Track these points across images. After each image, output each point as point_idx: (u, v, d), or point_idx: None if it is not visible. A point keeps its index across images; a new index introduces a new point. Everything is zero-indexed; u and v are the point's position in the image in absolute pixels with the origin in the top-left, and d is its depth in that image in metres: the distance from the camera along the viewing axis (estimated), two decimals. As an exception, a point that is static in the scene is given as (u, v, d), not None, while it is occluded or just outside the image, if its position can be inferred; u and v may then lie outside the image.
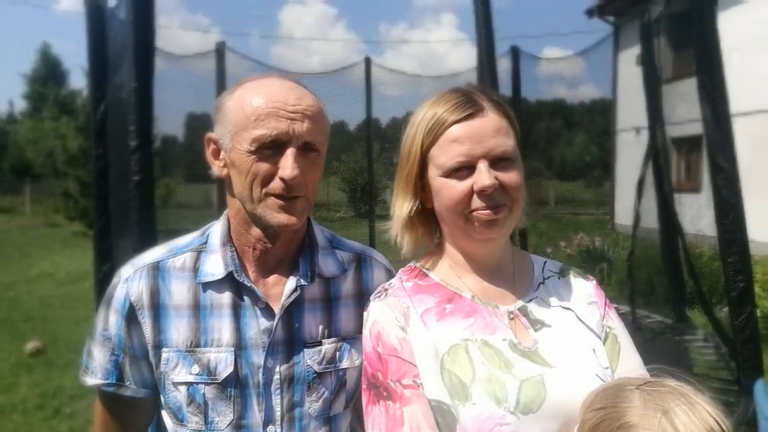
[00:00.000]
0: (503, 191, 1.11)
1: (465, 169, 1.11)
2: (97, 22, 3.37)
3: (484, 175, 1.09)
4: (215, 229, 1.28)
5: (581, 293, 1.26)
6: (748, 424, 3.47)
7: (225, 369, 1.20)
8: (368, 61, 8.73)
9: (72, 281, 10.17)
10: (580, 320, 1.21)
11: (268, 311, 1.22)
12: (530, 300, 1.21)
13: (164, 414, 1.26)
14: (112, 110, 3.42)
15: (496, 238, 1.16)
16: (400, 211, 1.21)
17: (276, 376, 1.22)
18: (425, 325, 1.14)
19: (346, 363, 1.27)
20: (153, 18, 2.77)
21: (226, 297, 1.22)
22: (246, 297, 1.23)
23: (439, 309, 1.16)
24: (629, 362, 1.19)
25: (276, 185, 1.16)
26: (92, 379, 1.26)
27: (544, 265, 1.30)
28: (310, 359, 1.24)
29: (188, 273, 1.23)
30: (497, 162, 1.11)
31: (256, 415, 1.21)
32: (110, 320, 1.23)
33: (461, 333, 1.13)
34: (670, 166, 5.82)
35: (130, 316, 1.22)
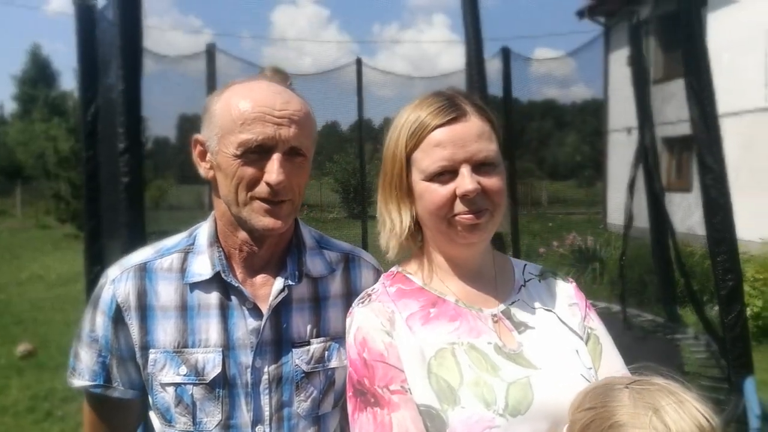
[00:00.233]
0: (485, 196, 1.12)
1: (448, 174, 1.11)
2: (87, 23, 3.36)
3: (467, 180, 1.09)
4: (202, 230, 1.28)
5: (562, 295, 1.27)
6: (738, 421, 3.49)
7: (213, 369, 1.20)
8: (359, 62, 8.74)
9: (63, 283, 10.12)
10: (562, 322, 1.22)
11: (255, 311, 1.22)
12: (513, 303, 1.21)
13: (152, 415, 1.26)
14: (103, 112, 3.40)
15: (478, 242, 1.16)
16: (398, 221, 1.19)
17: (264, 376, 1.22)
18: (411, 330, 1.14)
19: (334, 362, 1.27)
20: (140, 18, 2.75)
21: (213, 297, 1.22)
22: (234, 297, 1.23)
23: (424, 313, 1.16)
24: (611, 362, 1.20)
25: (262, 189, 1.16)
26: (79, 381, 1.26)
27: (524, 267, 1.31)
28: (298, 359, 1.24)
29: (175, 274, 1.23)
30: (480, 167, 1.11)
31: (245, 415, 1.21)
32: (97, 321, 1.23)
33: (447, 337, 1.13)
34: (659, 165, 5.84)
35: (117, 317, 1.21)
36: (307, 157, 1.22)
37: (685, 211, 6.02)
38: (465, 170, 1.10)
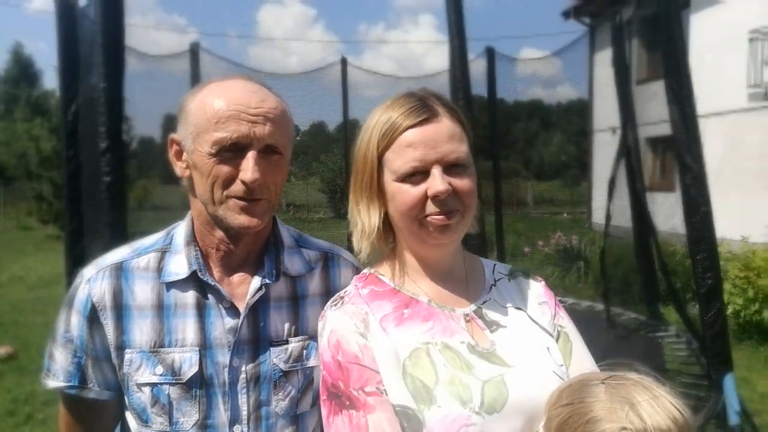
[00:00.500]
0: (456, 197, 1.12)
1: (419, 174, 1.12)
2: (68, 21, 3.32)
3: (438, 181, 1.10)
4: (179, 230, 1.28)
5: (531, 294, 1.28)
6: (717, 417, 3.54)
7: (190, 369, 1.19)
8: (344, 62, 8.74)
9: (44, 285, 9.99)
10: (533, 320, 1.23)
11: (233, 310, 1.22)
12: (484, 302, 1.22)
13: (128, 415, 1.25)
14: (84, 111, 3.37)
15: (448, 243, 1.17)
16: (368, 221, 1.19)
17: (242, 375, 1.22)
18: (385, 331, 1.14)
19: (313, 361, 1.26)
20: (122, 16, 2.73)
21: (190, 296, 1.22)
22: (210, 296, 1.22)
23: (398, 314, 1.17)
24: (581, 360, 1.21)
25: (237, 188, 1.16)
26: (54, 382, 1.24)
27: (494, 267, 1.32)
28: (276, 358, 1.24)
29: (152, 273, 1.23)
30: (451, 168, 1.12)
31: (222, 414, 1.20)
32: (72, 322, 1.22)
33: (421, 337, 1.14)
34: (641, 165, 5.90)
35: (92, 317, 1.20)
36: (284, 155, 1.22)
37: (669, 210, 6.08)
38: (436, 171, 1.11)
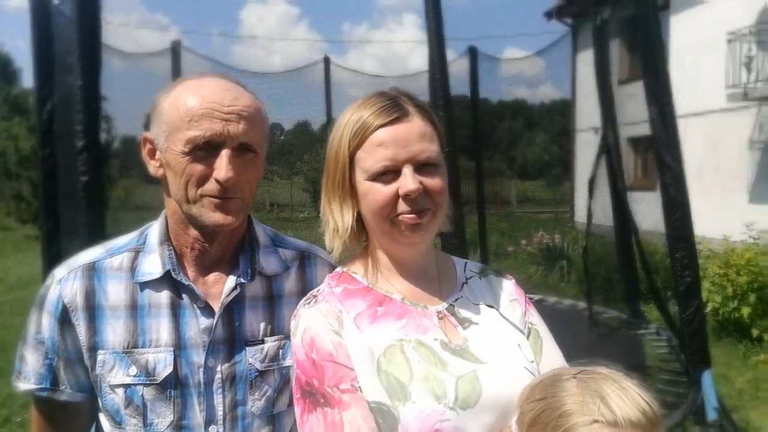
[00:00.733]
0: (427, 196, 1.13)
1: (390, 174, 1.12)
2: (42, 18, 3.25)
3: (409, 180, 1.10)
4: (153, 230, 1.26)
5: (502, 291, 1.30)
6: (696, 413, 3.58)
7: (164, 369, 1.18)
8: (327, 61, 8.72)
9: (22, 286, 9.82)
10: (504, 317, 1.25)
11: (207, 310, 1.21)
12: (456, 300, 1.24)
13: (102, 417, 1.23)
14: (61, 109, 3.31)
15: (420, 242, 1.18)
16: (341, 220, 1.20)
17: (217, 375, 1.20)
18: (359, 329, 1.14)
19: (289, 361, 1.25)
20: (99, 11, 2.68)
21: (164, 296, 1.20)
22: (185, 296, 1.21)
23: (371, 312, 1.17)
24: (552, 356, 1.23)
25: (211, 187, 1.15)
26: (25, 385, 1.22)
27: (465, 265, 1.33)
28: (251, 357, 1.23)
29: (125, 273, 1.21)
30: (422, 167, 1.13)
31: (197, 415, 1.19)
32: (43, 323, 1.20)
33: (395, 334, 1.14)
34: (622, 164, 5.96)
35: (64, 318, 1.18)
36: (259, 153, 1.21)
37: (650, 209, 6.15)
38: (407, 170, 1.11)
